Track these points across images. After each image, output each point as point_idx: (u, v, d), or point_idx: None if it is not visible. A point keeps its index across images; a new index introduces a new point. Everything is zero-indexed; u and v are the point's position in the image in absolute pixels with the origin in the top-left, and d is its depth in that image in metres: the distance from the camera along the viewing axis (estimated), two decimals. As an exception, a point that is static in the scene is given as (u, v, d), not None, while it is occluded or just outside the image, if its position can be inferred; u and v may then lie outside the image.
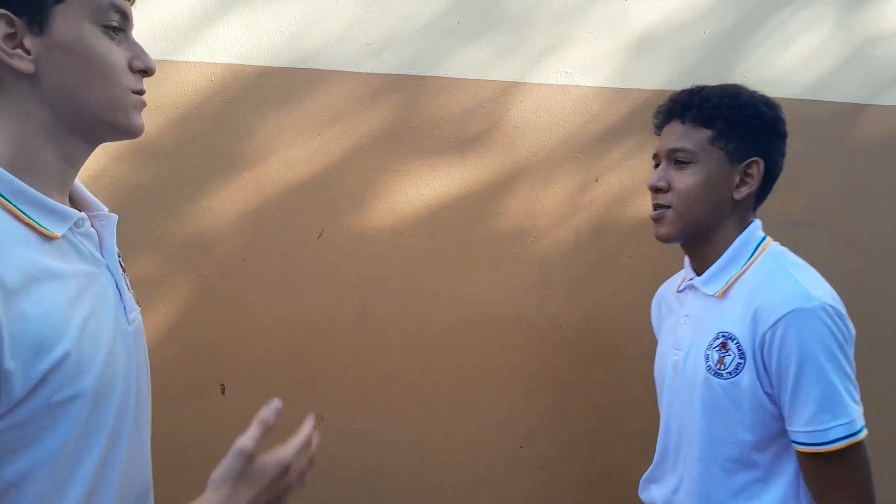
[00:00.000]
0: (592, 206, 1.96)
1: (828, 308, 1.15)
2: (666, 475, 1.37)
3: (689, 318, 1.32)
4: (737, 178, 1.27)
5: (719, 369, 1.22)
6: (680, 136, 1.29)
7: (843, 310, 1.19)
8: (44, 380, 0.75)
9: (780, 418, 1.19)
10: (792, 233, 2.00)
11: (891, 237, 1.24)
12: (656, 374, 1.43)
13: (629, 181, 1.97)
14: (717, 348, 1.23)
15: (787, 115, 2.01)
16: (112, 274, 0.90)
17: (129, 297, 0.94)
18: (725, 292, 1.26)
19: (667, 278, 1.99)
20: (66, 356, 0.77)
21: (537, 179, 1.93)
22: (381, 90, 1.85)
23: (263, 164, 1.81)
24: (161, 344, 1.74)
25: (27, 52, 0.81)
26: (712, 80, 1.97)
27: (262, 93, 1.79)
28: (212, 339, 1.81)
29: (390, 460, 1.91)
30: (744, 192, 1.27)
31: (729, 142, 1.26)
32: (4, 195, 0.79)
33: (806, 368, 1.14)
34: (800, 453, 1.18)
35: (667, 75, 1.97)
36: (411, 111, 1.86)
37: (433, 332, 1.90)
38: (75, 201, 0.93)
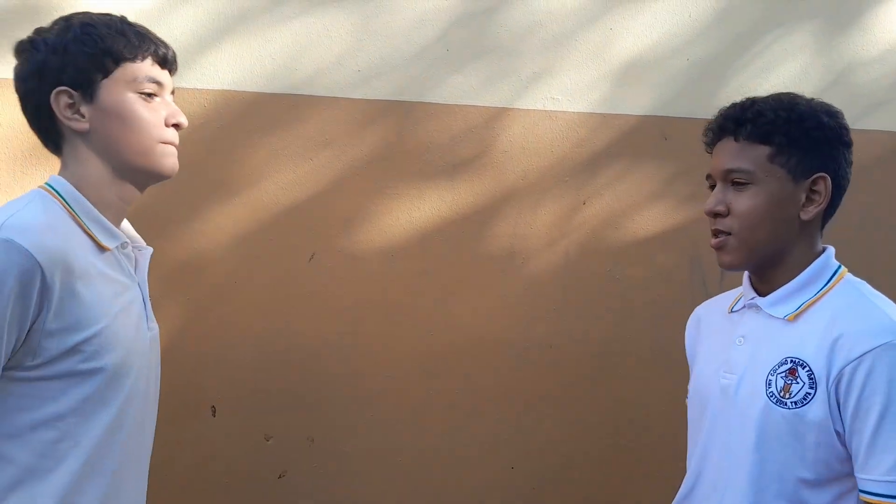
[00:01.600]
0: (581, 229, 1.99)
1: None
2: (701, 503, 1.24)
3: (746, 339, 1.19)
4: (802, 197, 1.15)
5: (783, 397, 1.10)
6: (735, 154, 1.17)
7: None
8: (75, 349, 1.00)
9: (848, 461, 1.08)
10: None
11: (867, 259, 1.27)
12: (693, 397, 1.31)
13: (616, 204, 2.01)
14: (784, 374, 1.12)
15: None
16: (141, 290, 1.16)
17: (151, 311, 1.19)
18: (797, 317, 1.14)
19: (655, 299, 2.02)
20: (96, 335, 1.01)
21: (526, 203, 1.96)
22: (371, 116, 1.88)
23: (255, 188, 1.83)
24: (152, 367, 1.74)
25: (82, 115, 1.08)
26: (695, 106, 2.03)
27: (254, 118, 1.82)
28: (203, 362, 1.81)
29: (381, 482, 1.91)
30: (812, 211, 1.16)
31: (790, 158, 1.14)
32: (77, 212, 1.07)
33: (893, 410, 1.03)
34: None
35: (652, 102, 2.02)
36: (401, 136, 1.89)
37: (424, 353, 1.91)
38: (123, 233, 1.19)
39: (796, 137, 1.14)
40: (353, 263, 1.88)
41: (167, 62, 1.14)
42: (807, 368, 1.10)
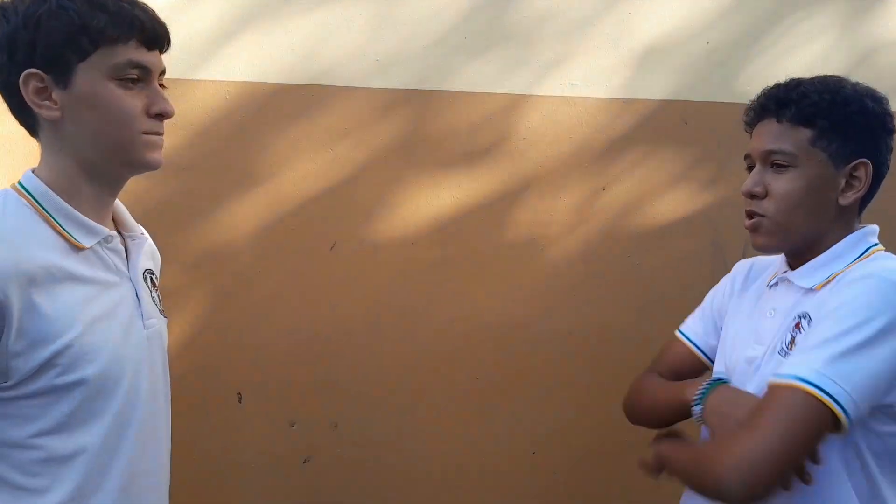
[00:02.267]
0: (600, 216, 1.99)
1: None
2: None
3: (777, 312, 1.19)
4: (842, 182, 1.13)
5: (790, 350, 1.10)
6: (776, 136, 1.15)
7: None
8: (49, 363, 0.92)
9: None
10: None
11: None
12: (719, 357, 1.29)
13: (636, 190, 2.00)
14: (791, 329, 1.12)
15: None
16: (134, 285, 1.06)
17: (149, 306, 1.08)
18: (823, 286, 1.12)
19: (677, 285, 2.02)
20: (69, 346, 0.92)
21: (545, 190, 1.96)
22: (391, 105, 1.89)
23: (277, 178, 1.85)
24: (179, 354, 1.78)
25: (54, 102, 0.96)
26: (715, 90, 2.02)
27: (275, 109, 1.84)
28: (228, 349, 1.85)
29: (403, 468, 1.93)
30: (850, 196, 1.14)
31: (832, 142, 1.12)
32: (47, 210, 0.97)
33: (839, 311, 1.03)
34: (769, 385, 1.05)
35: (672, 86, 2.00)
36: (421, 125, 1.90)
37: (444, 341, 1.93)
38: (116, 221, 1.09)
39: (839, 122, 1.12)
40: (373, 252, 1.90)
41: (156, 42, 1.01)
42: (807, 318, 1.10)
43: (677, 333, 1.42)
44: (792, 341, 1.11)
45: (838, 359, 0.99)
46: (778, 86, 1.19)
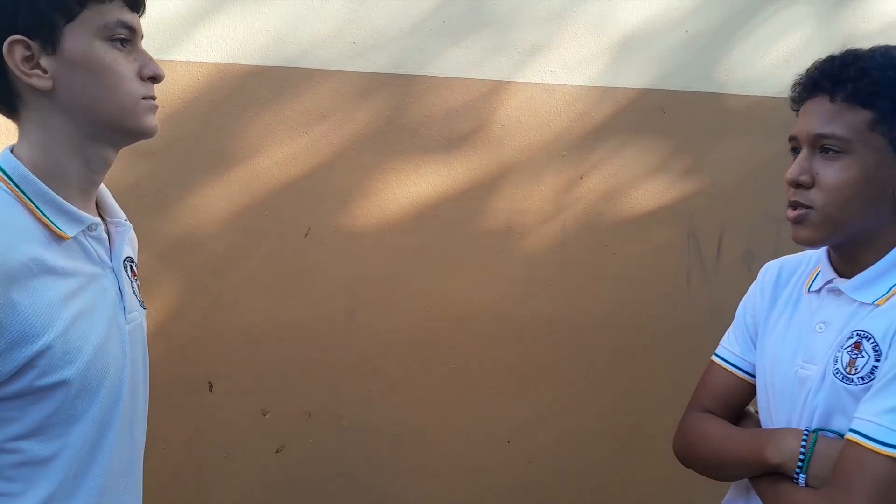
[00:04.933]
0: (578, 204, 1.98)
1: None
2: None
3: (827, 327, 1.07)
4: None
5: (849, 373, 1.00)
6: (829, 117, 1.01)
7: None
8: (28, 365, 0.84)
9: None
10: (775, 227, 2.04)
11: None
12: (764, 377, 1.17)
13: (614, 179, 2.00)
14: (850, 349, 1.01)
15: (771, 114, 2.04)
16: (116, 276, 0.99)
17: (131, 299, 1.02)
18: (887, 300, 1.01)
19: (652, 274, 2.02)
20: (49, 347, 0.85)
21: (524, 178, 1.94)
22: (367, 89, 1.86)
23: (250, 162, 1.82)
24: (149, 342, 1.74)
25: (44, 70, 0.89)
26: (694, 79, 2.01)
27: (248, 92, 1.80)
28: (200, 337, 1.81)
29: (378, 456, 1.92)
30: None
31: (893, 127, 0.99)
32: (28, 195, 0.89)
33: None
34: (848, 441, 0.98)
35: (650, 75, 2.00)
36: (398, 110, 1.88)
37: (420, 329, 1.91)
38: (99, 206, 1.03)
39: None
40: (349, 239, 1.87)
41: (137, 4, 0.96)
42: (871, 340, 0.99)
43: (715, 359, 1.27)
44: (851, 364, 1.00)
45: None
46: (832, 59, 1.05)
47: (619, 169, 1.99)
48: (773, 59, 2.06)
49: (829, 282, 1.09)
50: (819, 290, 1.11)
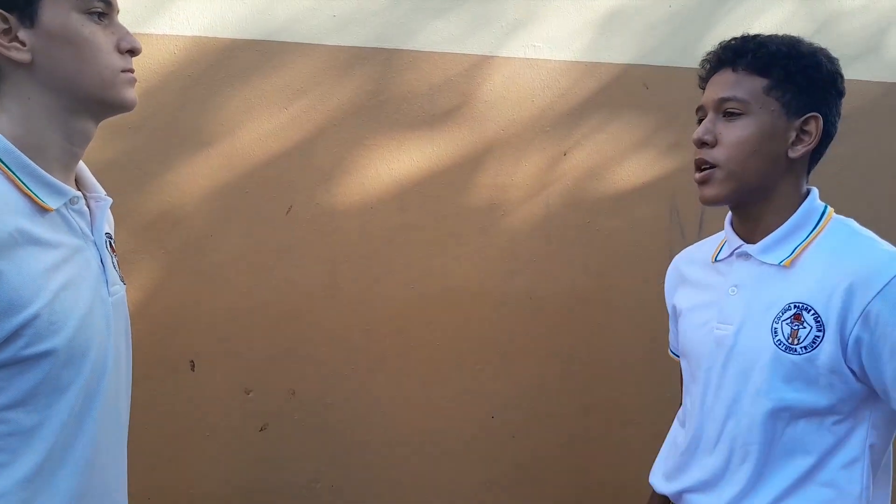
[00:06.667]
0: (562, 181, 1.98)
1: None
2: (703, 459, 1.21)
3: (740, 288, 1.17)
4: (793, 135, 1.13)
5: (792, 343, 1.09)
6: (731, 84, 1.14)
7: None
8: (15, 334, 0.85)
9: (865, 398, 1.09)
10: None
11: (852, 213, 1.27)
12: (684, 348, 1.28)
13: (598, 155, 1.99)
14: (789, 321, 1.10)
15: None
16: (98, 249, 1.00)
17: (112, 272, 1.03)
18: (793, 262, 1.13)
19: (635, 249, 2.03)
20: (35, 316, 0.86)
21: (507, 154, 1.93)
22: (348, 64, 1.83)
23: (230, 138, 1.79)
24: (131, 319, 1.72)
25: (22, 43, 0.90)
26: (676, 55, 2.01)
27: (227, 66, 1.77)
28: (180, 315, 1.80)
29: (362, 434, 1.92)
30: (800, 150, 1.14)
31: (786, 92, 1.13)
32: (11, 167, 0.89)
33: None
34: None
35: (634, 50, 1.99)
36: (380, 85, 1.85)
37: (403, 305, 1.91)
38: (79, 182, 1.03)
39: (794, 73, 1.13)
40: (330, 216, 1.85)
41: None
42: (812, 312, 1.08)
43: (672, 355, 1.42)
44: (794, 335, 1.09)
45: None
46: (734, 38, 1.20)
47: (602, 145, 1.99)
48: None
49: (738, 248, 1.19)
50: (727, 258, 1.22)
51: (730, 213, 1.23)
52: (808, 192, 1.18)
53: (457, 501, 1.99)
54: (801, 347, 1.08)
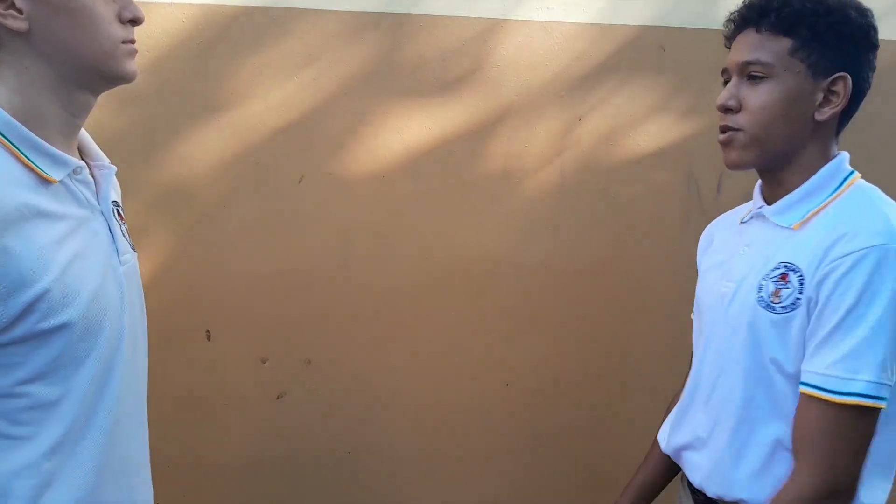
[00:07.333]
0: (577, 147, 1.94)
1: None
2: (697, 415, 1.22)
3: (751, 248, 1.16)
4: (820, 96, 1.09)
5: (772, 302, 1.07)
6: (755, 46, 1.10)
7: None
8: (28, 309, 0.85)
9: None
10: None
11: (873, 173, 1.23)
12: (695, 308, 1.29)
13: (613, 121, 1.95)
14: (776, 279, 1.08)
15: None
16: (105, 219, 0.99)
17: (122, 241, 1.02)
18: (802, 225, 1.10)
19: (651, 216, 2.00)
20: (47, 290, 0.85)
21: (520, 120, 1.90)
22: (359, 29, 1.80)
23: (240, 108, 1.77)
24: (145, 292, 1.73)
25: (19, 11, 0.87)
26: (697, 15, 1.95)
27: (235, 34, 1.74)
28: (195, 286, 1.80)
29: (377, 402, 1.93)
30: (827, 112, 1.10)
31: (812, 53, 1.08)
32: (11, 140, 0.88)
33: (861, 308, 0.99)
34: (803, 395, 1.04)
35: (651, 11, 1.93)
36: (391, 51, 1.82)
37: (417, 274, 1.90)
38: (81, 151, 1.01)
39: (821, 32, 1.08)
40: (342, 185, 1.84)
41: None
42: (798, 273, 1.06)
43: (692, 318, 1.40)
44: (776, 293, 1.08)
45: (888, 354, 1.00)
46: None
47: (617, 110, 1.95)
48: (777, -7, 1.99)
49: (759, 209, 1.19)
50: (749, 220, 1.21)
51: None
52: (836, 156, 1.15)
53: (473, 469, 2.00)
54: (779, 307, 1.07)
